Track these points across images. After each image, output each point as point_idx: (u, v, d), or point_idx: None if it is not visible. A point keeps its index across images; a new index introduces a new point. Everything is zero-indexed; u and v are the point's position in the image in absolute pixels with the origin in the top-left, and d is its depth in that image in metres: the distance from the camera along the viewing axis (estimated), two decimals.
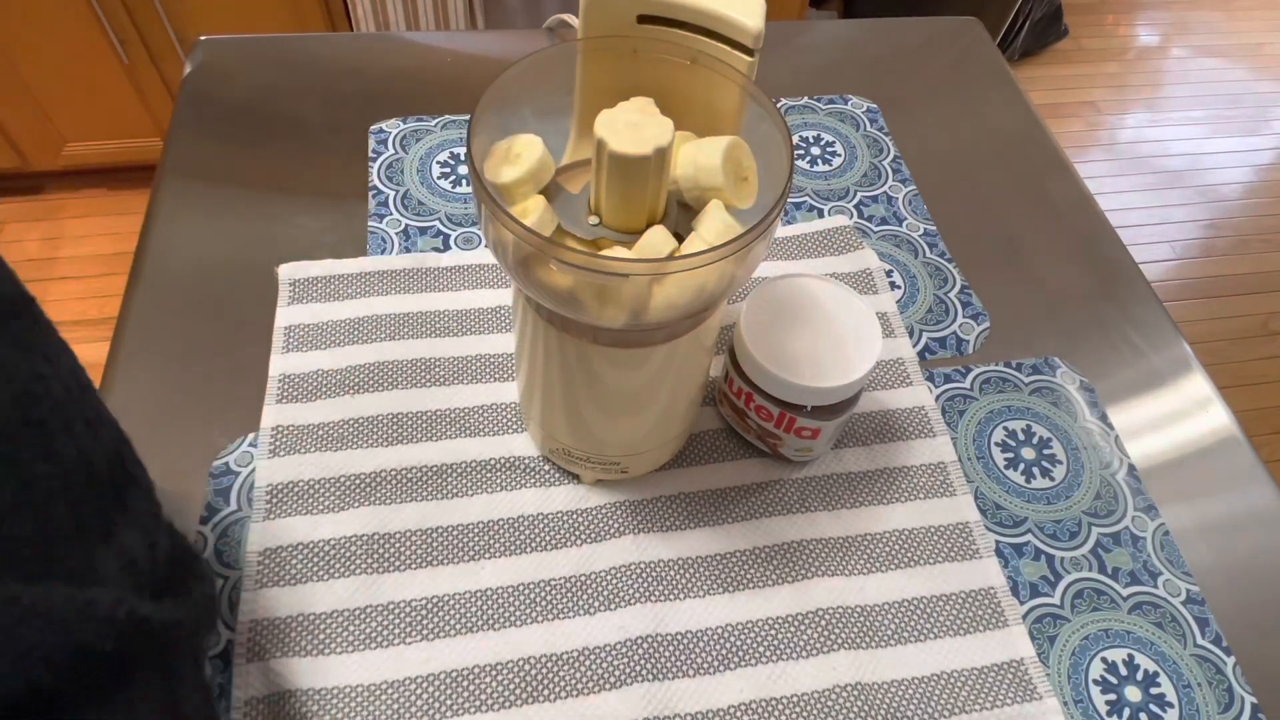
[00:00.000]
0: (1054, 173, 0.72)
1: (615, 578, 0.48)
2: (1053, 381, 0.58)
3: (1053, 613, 0.48)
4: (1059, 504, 0.53)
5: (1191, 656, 0.47)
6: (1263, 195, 2.00)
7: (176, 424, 0.52)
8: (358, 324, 0.57)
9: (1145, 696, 0.46)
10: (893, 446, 0.54)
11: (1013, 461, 0.54)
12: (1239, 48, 2.36)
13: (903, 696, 0.45)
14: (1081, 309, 0.63)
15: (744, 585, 0.48)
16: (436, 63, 0.74)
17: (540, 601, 0.47)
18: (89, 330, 1.51)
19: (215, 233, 0.61)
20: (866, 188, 0.69)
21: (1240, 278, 1.81)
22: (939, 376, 0.58)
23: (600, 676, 0.45)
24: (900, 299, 0.62)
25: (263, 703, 0.43)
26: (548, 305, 0.37)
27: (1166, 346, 0.61)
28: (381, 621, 0.46)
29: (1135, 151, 2.08)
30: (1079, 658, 0.47)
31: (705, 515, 0.50)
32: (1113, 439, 0.56)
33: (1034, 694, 0.46)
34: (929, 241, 0.66)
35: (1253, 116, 2.18)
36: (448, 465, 0.51)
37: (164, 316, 0.56)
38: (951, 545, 0.50)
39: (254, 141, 0.67)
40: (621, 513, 0.50)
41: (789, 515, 0.51)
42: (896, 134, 0.73)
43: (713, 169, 0.37)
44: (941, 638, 0.47)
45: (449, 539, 0.49)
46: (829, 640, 0.46)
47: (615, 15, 0.41)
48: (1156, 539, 0.52)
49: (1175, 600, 0.49)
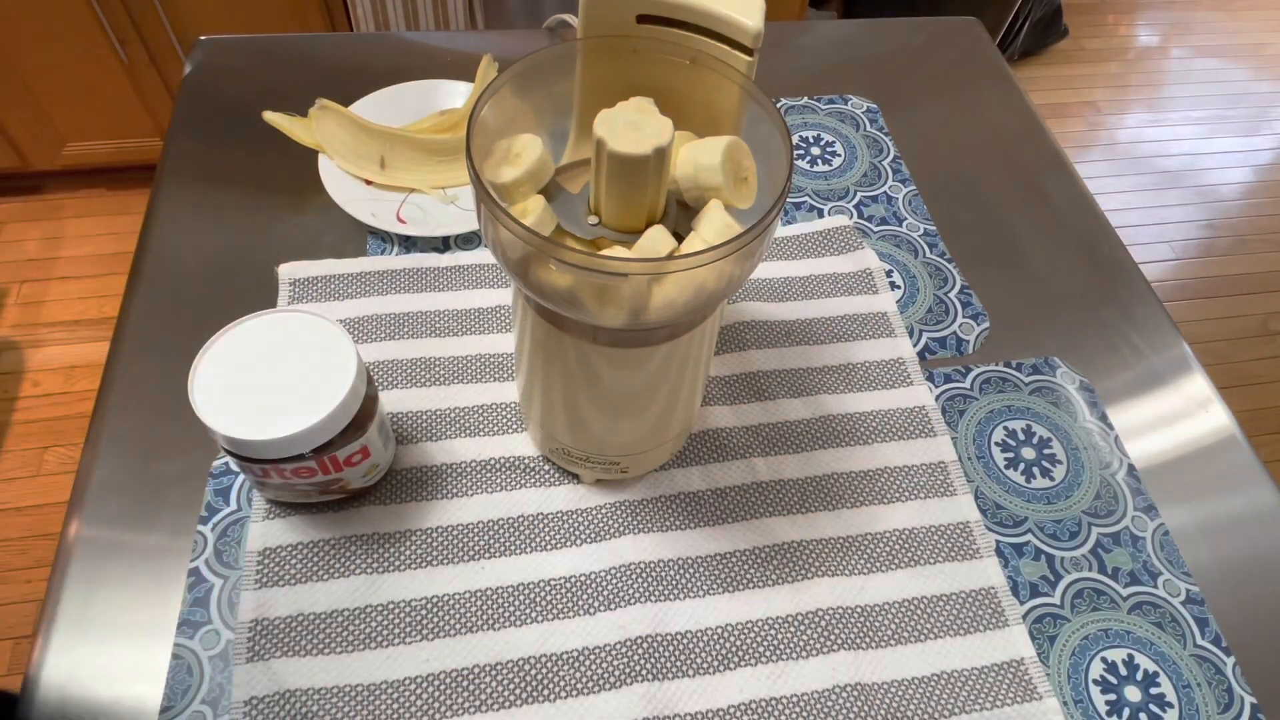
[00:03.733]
0: (1054, 173, 0.72)
1: (615, 577, 0.48)
2: (1053, 381, 0.58)
3: (1053, 613, 0.48)
4: (1059, 504, 0.53)
5: (1191, 656, 0.47)
6: (1263, 195, 2.00)
7: (176, 424, 0.52)
8: (358, 324, 0.57)
9: (1145, 696, 0.46)
10: (893, 446, 0.54)
11: (1013, 461, 0.54)
12: (1239, 48, 2.36)
13: (903, 696, 0.45)
14: (1081, 309, 0.63)
15: (744, 585, 0.48)
16: (437, 62, 0.74)
17: (540, 601, 0.47)
18: (89, 330, 1.51)
19: (215, 233, 0.61)
20: (866, 188, 0.69)
21: (1240, 278, 1.81)
22: (939, 376, 0.58)
23: (600, 676, 0.45)
24: (900, 299, 0.62)
25: (262, 702, 0.43)
26: (548, 305, 0.37)
27: (1166, 347, 0.61)
28: (381, 621, 0.46)
29: (1135, 151, 2.08)
30: (1079, 658, 0.47)
31: (705, 515, 0.50)
32: (1113, 439, 0.56)
33: (1034, 694, 0.46)
34: (929, 241, 0.66)
35: (1253, 116, 2.18)
36: (447, 465, 0.51)
37: (164, 316, 0.56)
38: (952, 545, 0.50)
39: (254, 141, 0.67)
40: (621, 513, 0.50)
41: (789, 515, 0.51)
42: (896, 134, 0.73)
43: (712, 169, 0.37)
44: (941, 637, 0.47)
45: (449, 539, 0.49)
46: (829, 640, 0.46)
47: (615, 15, 0.41)
48: (1156, 539, 0.52)
49: (1175, 600, 0.49)
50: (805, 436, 0.54)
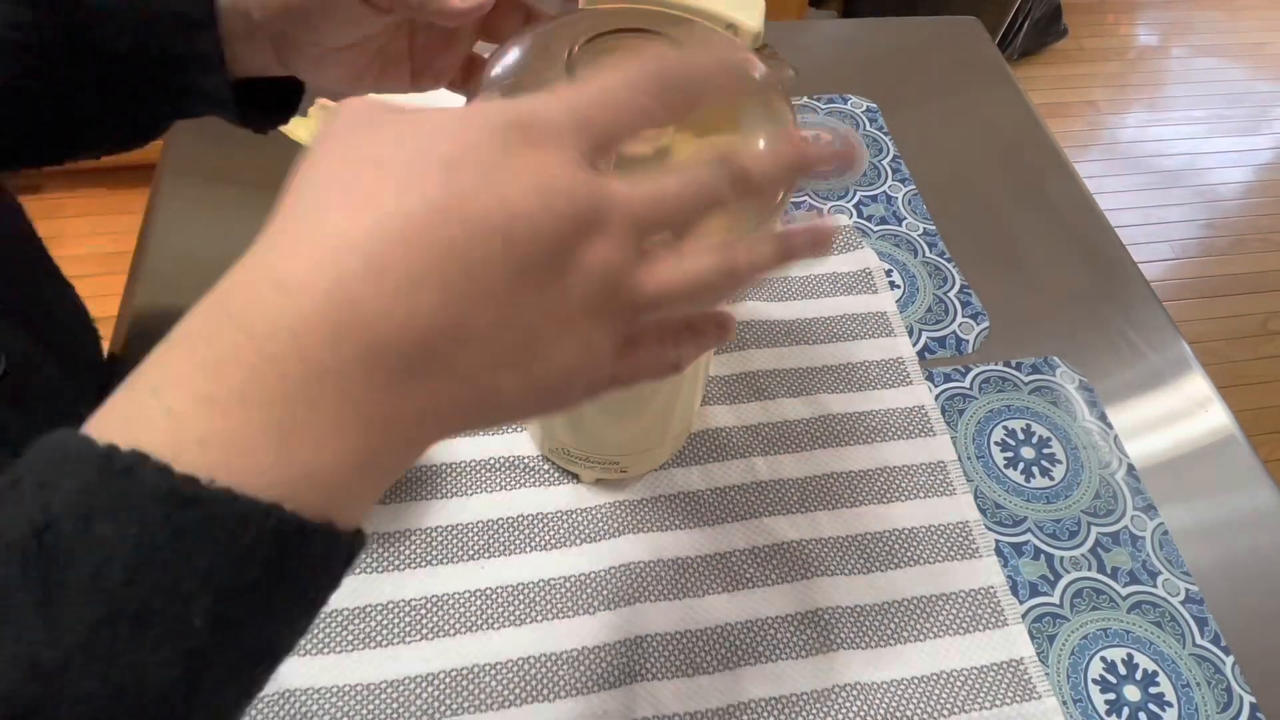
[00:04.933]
0: (1053, 172, 0.72)
1: (615, 577, 0.48)
2: (1052, 381, 0.58)
3: (1052, 612, 0.48)
4: (1058, 503, 0.53)
5: (1190, 656, 0.47)
6: (1262, 195, 2.00)
7: None
8: None
9: (1144, 696, 0.46)
10: (892, 446, 0.54)
11: (1012, 461, 0.54)
12: (1239, 47, 2.36)
13: (902, 696, 0.45)
14: (1081, 308, 0.63)
15: (744, 585, 0.48)
16: None
17: (540, 601, 0.47)
18: None
19: (215, 233, 0.61)
20: (866, 187, 0.69)
21: (1239, 277, 1.81)
22: (939, 376, 0.58)
23: (600, 676, 0.45)
24: (900, 298, 0.62)
25: (262, 702, 0.43)
26: None
27: (1166, 346, 0.61)
28: (381, 621, 0.46)
29: (1135, 151, 2.08)
30: (1078, 657, 0.47)
31: (705, 515, 0.50)
32: (1112, 438, 0.56)
33: (1033, 693, 0.46)
34: (928, 241, 0.66)
35: (1253, 116, 2.18)
36: (447, 464, 0.51)
37: (163, 317, 0.56)
38: (951, 544, 0.50)
39: (254, 141, 0.67)
40: (621, 512, 0.50)
41: (789, 515, 0.51)
42: (896, 134, 0.73)
43: None
44: (941, 637, 0.47)
45: (449, 538, 0.49)
46: (828, 640, 0.46)
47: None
48: (1155, 538, 0.52)
49: (1174, 600, 0.49)
50: (805, 436, 0.54)
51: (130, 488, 0.18)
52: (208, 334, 0.21)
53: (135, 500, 0.18)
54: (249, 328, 0.20)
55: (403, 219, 0.21)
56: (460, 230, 0.21)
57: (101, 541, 0.18)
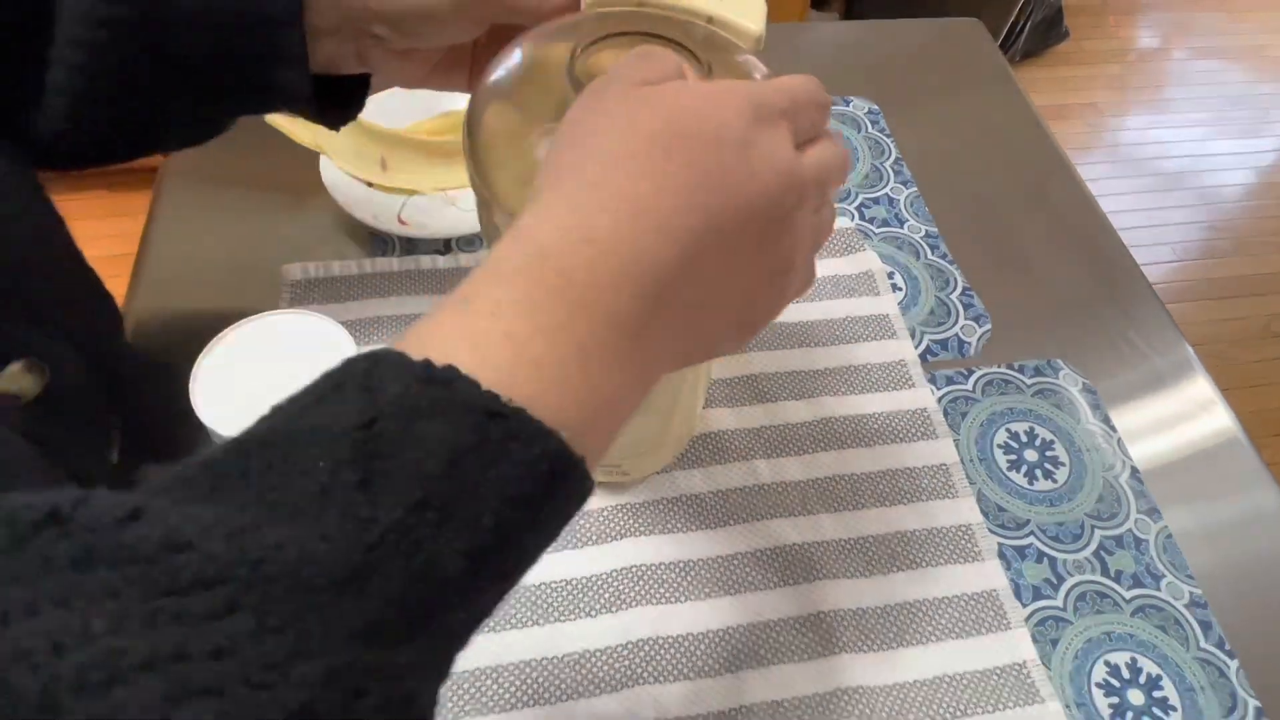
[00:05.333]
0: (1055, 174, 0.72)
1: (616, 580, 0.47)
2: (1055, 383, 0.58)
3: (1055, 615, 0.48)
4: (1061, 506, 0.52)
5: (1194, 659, 0.47)
6: (1264, 197, 2.00)
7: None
8: (359, 325, 0.56)
9: (1148, 700, 0.46)
10: (895, 449, 0.54)
11: (1015, 463, 0.54)
12: (1240, 49, 2.36)
13: (905, 699, 0.45)
14: (1083, 311, 0.63)
15: (746, 588, 0.48)
16: None
17: (540, 604, 0.47)
18: None
19: (215, 233, 0.61)
20: (868, 189, 0.69)
21: (1242, 279, 1.81)
22: (941, 379, 0.58)
23: (601, 680, 0.44)
24: (902, 301, 0.62)
25: None
26: None
27: (1169, 348, 0.61)
28: None
29: (1136, 153, 2.07)
30: (1082, 661, 0.47)
31: (707, 517, 0.50)
32: (1115, 441, 0.56)
33: (1036, 697, 0.45)
34: (930, 243, 0.65)
35: (1254, 118, 2.17)
36: None
37: (165, 318, 0.56)
38: (954, 548, 0.50)
39: (254, 141, 0.67)
40: (622, 515, 0.50)
41: (791, 518, 0.50)
42: (898, 135, 0.73)
43: None
44: (944, 640, 0.47)
45: None
46: (831, 643, 0.46)
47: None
48: (1159, 541, 0.51)
49: (1178, 603, 0.49)
50: (807, 439, 0.54)
51: (450, 395, 0.21)
52: (528, 273, 0.24)
53: (452, 407, 0.21)
54: (568, 273, 0.24)
55: (685, 189, 0.26)
56: (717, 200, 0.26)
57: (422, 438, 0.21)
